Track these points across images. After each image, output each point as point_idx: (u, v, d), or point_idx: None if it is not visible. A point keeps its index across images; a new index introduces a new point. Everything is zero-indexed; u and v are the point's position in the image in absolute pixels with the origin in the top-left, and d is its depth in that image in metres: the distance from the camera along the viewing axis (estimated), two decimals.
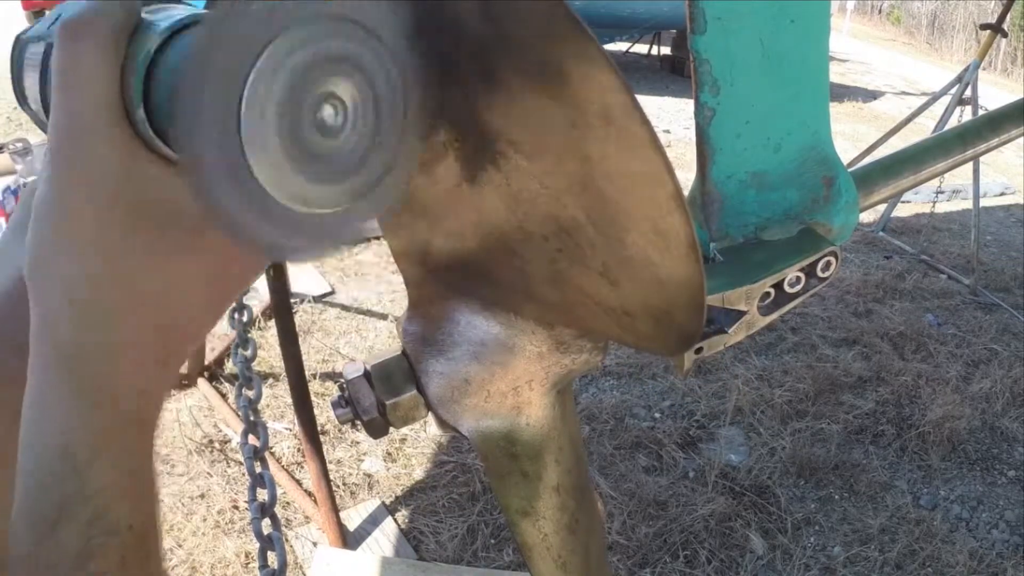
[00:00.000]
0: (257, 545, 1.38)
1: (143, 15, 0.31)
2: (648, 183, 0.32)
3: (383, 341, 3.19)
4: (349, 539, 2.17)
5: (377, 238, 4.03)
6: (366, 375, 0.49)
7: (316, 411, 2.07)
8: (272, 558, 1.35)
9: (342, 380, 0.51)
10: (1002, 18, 3.97)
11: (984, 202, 4.47)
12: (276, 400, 2.70)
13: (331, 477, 2.13)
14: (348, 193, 0.28)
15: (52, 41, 0.37)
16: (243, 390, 1.59)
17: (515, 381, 0.48)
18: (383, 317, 3.35)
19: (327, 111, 0.26)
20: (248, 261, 0.36)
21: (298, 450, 2.47)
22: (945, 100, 4.11)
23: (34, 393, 0.31)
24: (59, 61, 0.29)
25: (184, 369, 2.63)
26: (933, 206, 4.70)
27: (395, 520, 2.27)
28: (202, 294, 0.34)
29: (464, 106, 0.34)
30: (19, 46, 0.42)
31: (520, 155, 0.35)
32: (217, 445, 2.50)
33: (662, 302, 0.37)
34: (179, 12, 0.32)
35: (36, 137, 4.63)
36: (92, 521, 0.31)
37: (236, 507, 2.25)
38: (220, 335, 2.89)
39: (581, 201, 0.35)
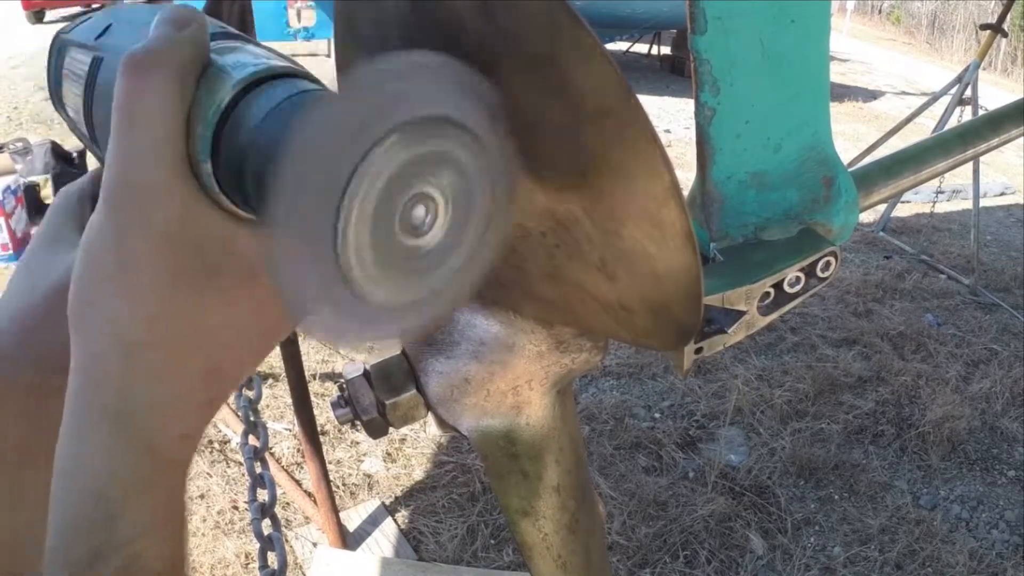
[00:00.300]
0: (257, 545, 1.38)
1: (211, 55, 0.30)
2: (644, 175, 0.32)
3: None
4: (349, 539, 2.16)
5: None
6: (365, 374, 0.49)
7: (316, 411, 2.07)
8: (272, 558, 1.35)
9: (342, 380, 0.51)
10: (1002, 18, 3.97)
11: (984, 202, 4.47)
12: (276, 400, 2.70)
13: (331, 477, 2.13)
14: (420, 288, 0.26)
15: (102, 56, 0.36)
16: (243, 390, 1.59)
17: (515, 380, 0.48)
18: None
19: (419, 211, 0.25)
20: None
21: (298, 450, 2.47)
22: (945, 100, 4.11)
23: (71, 434, 0.31)
24: (121, 98, 0.28)
25: None
26: (933, 206, 4.70)
27: (395, 520, 2.27)
28: (251, 339, 0.33)
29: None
30: (58, 45, 0.41)
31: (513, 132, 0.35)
32: (217, 445, 2.50)
33: (660, 295, 0.37)
34: (248, 56, 0.30)
35: (36, 137, 4.62)
36: (124, 567, 0.30)
37: (236, 507, 2.25)
38: None
39: (578, 195, 0.35)
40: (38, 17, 11.34)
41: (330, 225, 0.23)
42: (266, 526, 1.42)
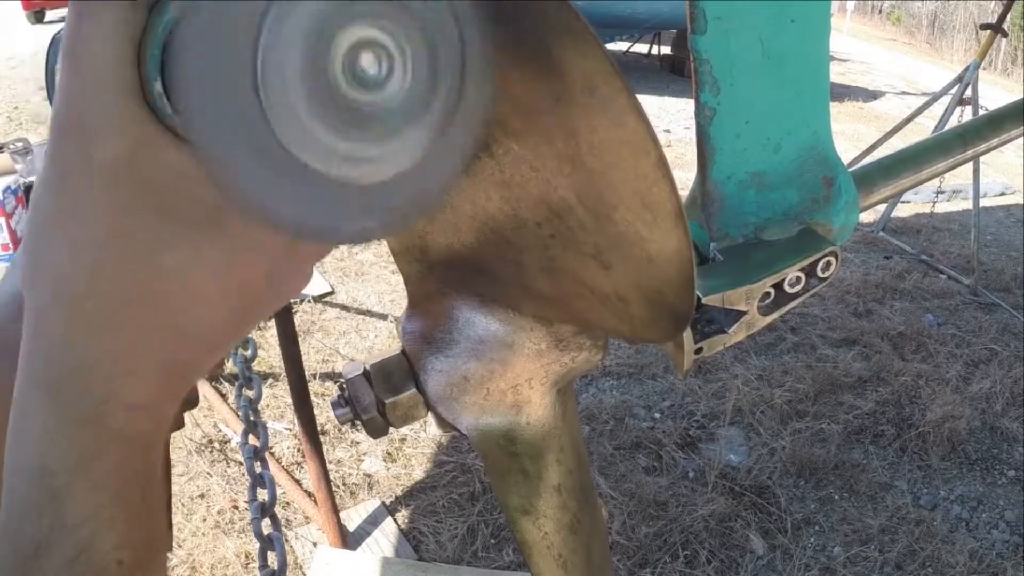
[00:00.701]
0: (257, 545, 1.38)
1: None
2: (632, 153, 0.32)
3: (383, 341, 3.19)
4: (349, 539, 2.16)
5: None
6: (365, 374, 0.49)
7: (316, 411, 2.07)
8: (272, 558, 1.35)
9: (342, 380, 0.51)
10: (1002, 18, 3.97)
11: (984, 202, 4.47)
12: (276, 400, 2.70)
13: (331, 477, 2.13)
14: (409, 147, 0.24)
15: None
16: (243, 390, 1.59)
17: (515, 379, 0.48)
18: (383, 317, 3.35)
19: (367, 59, 0.22)
20: (284, 264, 0.31)
21: (298, 450, 2.47)
22: (945, 100, 4.11)
23: (16, 403, 0.28)
24: (67, 33, 0.26)
25: None
26: (933, 206, 4.70)
27: (395, 520, 2.27)
28: (219, 295, 0.29)
29: None
30: (55, 46, 0.40)
31: (510, 138, 0.36)
32: (217, 445, 2.50)
33: (654, 280, 0.37)
34: None
35: (36, 137, 4.63)
36: (75, 557, 0.27)
37: (236, 507, 2.25)
38: None
39: (570, 181, 0.35)
40: (38, 17, 11.34)
41: (250, 89, 0.21)
42: (266, 526, 1.42)
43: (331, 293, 3.51)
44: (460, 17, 0.24)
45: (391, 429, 0.50)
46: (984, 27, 4.07)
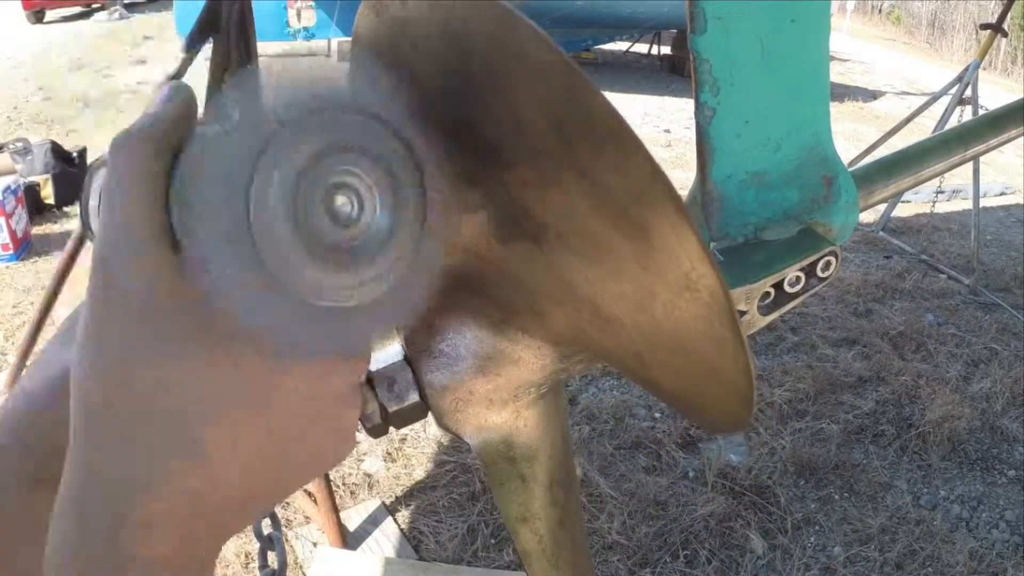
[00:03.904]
0: (257, 545, 1.38)
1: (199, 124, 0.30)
2: (716, 347, 0.32)
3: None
4: (349, 539, 2.17)
5: None
6: (369, 382, 0.49)
7: None
8: (272, 558, 1.35)
9: None
10: (1002, 18, 3.97)
11: (984, 202, 4.47)
12: None
13: (331, 477, 2.13)
14: (367, 280, 0.26)
15: None
16: None
17: (516, 389, 0.48)
18: None
19: (340, 200, 0.25)
20: (308, 408, 0.30)
21: None
22: (945, 100, 4.11)
23: (57, 500, 0.29)
24: (106, 178, 0.29)
25: None
26: (933, 206, 4.70)
27: (395, 520, 2.27)
28: (240, 412, 0.29)
29: (509, 189, 0.33)
30: (91, 172, 0.42)
31: (569, 252, 0.34)
32: None
33: (696, 402, 0.37)
34: None
35: (36, 137, 4.63)
36: None
37: None
38: None
39: (631, 316, 0.34)
40: (38, 17, 11.35)
41: (243, 223, 0.24)
42: (266, 526, 1.42)
43: None
44: (418, 166, 0.27)
45: (391, 429, 0.50)
46: (984, 27, 4.07)
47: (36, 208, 4.10)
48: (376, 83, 0.26)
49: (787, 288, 0.60)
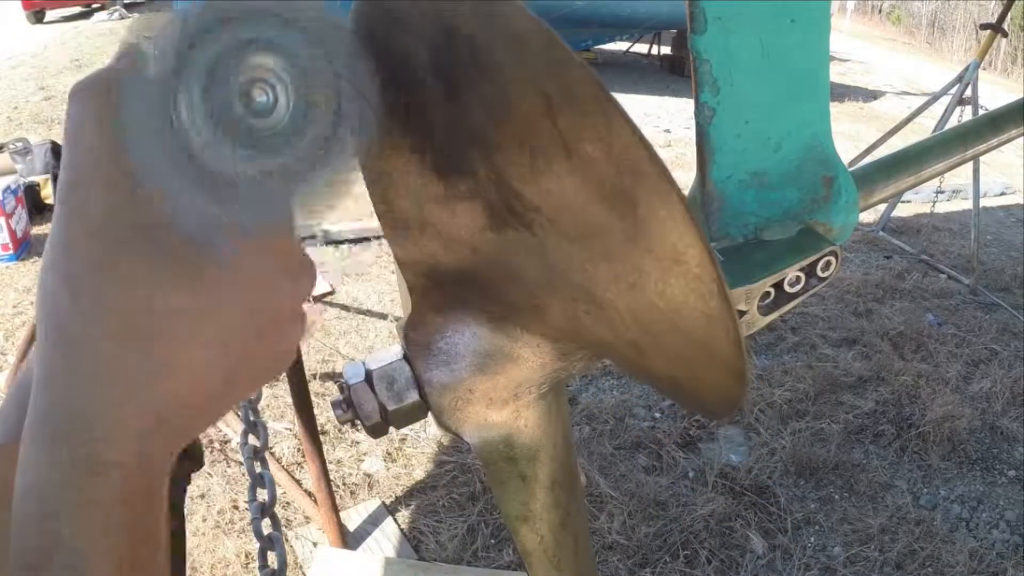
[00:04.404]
0: (257, 545, 1.38)
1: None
2: (708, 322, 0.32)
3: (383, 341, 3.19)
4: (349, 539, 2.16)
5: (378, 237, 4.03)
6: (368, 381, 0.49)
7: (316, 411, 2.07)
8: (272, 558, 1.35)
9: (342, 380, 0.51)
10: (1002, 18, 3.97)
11: (984, 202, 4.46)
12: (276, 400, 2.70)
13: (331, 477, 2.13)
14: (294, 159, 0.29)
15: None
16: None
17: (516, 388, 0.48)
18: (383, 317, 3.35)
19: (256, 93, 0.28)
20: (265, 310, 0.32)
21: (298, 450, 2.47)
22: (945, 100, 4.11)
23: (23, 441, 0.30)
24: (66, 122, 0.31)
25: None
26: (933, 206, 4.70)
27: (395, 520, 2.27)
28: (205, 342, 0.30)
29: (500, 174, 0.33)
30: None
31: (561, 234, 0.34)
32: (217, 445, 2.50)
33: (692, 386, 0.37)
34: None
35: (36, 137, 4.63)
36: None
37: (236, 507, 2.25)
38: None
39: (624, 297, 0.34)
40: (38, 17, 11.34)
41: (169, 108, 0.27)
42: (266, 526, 1.42)
43: (331, 293, 3.51)
44: (340, 74, 0.29)
45: (391, 429, 0.50)
46: (984, 27, 4.07)
47: (36, 208, 4.10)
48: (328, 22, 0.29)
49: (787, 288, 0.60)
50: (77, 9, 12.22)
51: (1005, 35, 4.14)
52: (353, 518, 2.26)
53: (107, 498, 0.29)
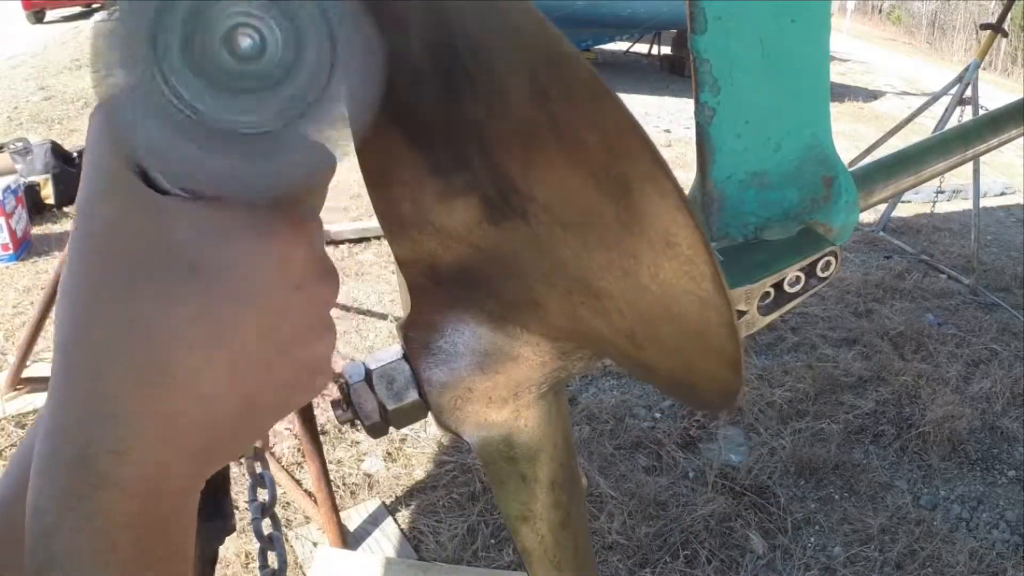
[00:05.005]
0: (257, 545, 1.38)
1: None
2: (701, 306, 0.32)
3: (383, 341, 3.19)
4: (349, 539, 2.17)
5: (378, 237, 4.03)
6: (368, 380, 0.49)
7: (316, 411, 2.07)
8: (272, 558, 1.35)
9: (342, 380, 0.51)
10: (1002, 18, 3.97)
11: (984, 202, 4.47)
12: None
13: (331, 477, 2.13)
14: (281, 107, 0.28)
15: None
16: None
17: (516, 387, 0.48)
18: (383, 317, 3.35)
19: (241, 38, 0.27)
20: (279, 323, 0.31)
21: (298, 450, 2.47)
22: (945, 100, 4.11)
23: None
24: (87, 136, 0.31)
25: None
26: (933, 206, 4.70)
27: (395, 520, 2.27)
28: (201, 338, 0.29)
29: (496, 166, 0.33)
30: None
31: (557, 224, 0.34)
32: None
33: (689, 378, 0.37)
34: None
35: (36, 137, 4.63)
36: None
37: (236, 507, 2.25)
38: None
39: (619, 284, 0.34)
40: (38, 17, 11.35)
41: (151, 63, 0.26)
42: (266, 525, 1.42)
43: None
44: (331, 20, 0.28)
45: (391, 429, 0.50)
46: (984, 27, 4.07)
47: (36, 208, 4.10)
48: None
49: (787, 288, 0.60)
50: (77, 9, 12.22)
51: (1005, 35, 4.14)
52: (353, 518, 2.26)
53: (106, 517, 0.29)
